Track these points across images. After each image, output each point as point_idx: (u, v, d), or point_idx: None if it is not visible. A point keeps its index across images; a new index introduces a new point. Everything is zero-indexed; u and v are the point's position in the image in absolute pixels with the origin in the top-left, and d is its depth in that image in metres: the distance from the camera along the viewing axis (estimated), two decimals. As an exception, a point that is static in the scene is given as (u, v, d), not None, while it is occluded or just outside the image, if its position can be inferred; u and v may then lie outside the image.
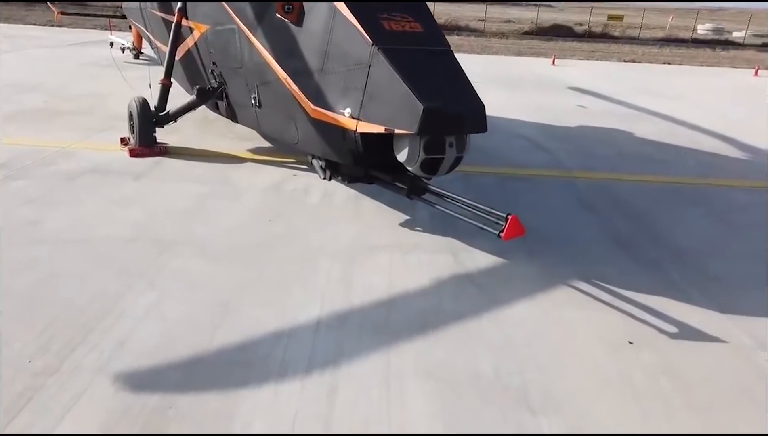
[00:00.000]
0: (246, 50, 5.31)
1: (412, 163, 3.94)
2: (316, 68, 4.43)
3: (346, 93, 4.19)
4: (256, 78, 5.28)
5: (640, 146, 8.37)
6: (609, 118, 10.42)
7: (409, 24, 4.30)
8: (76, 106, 8.68)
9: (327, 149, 4.58)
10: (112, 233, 4.36)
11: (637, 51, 27.82)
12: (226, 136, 7.41)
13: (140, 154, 6.33)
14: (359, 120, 4.07)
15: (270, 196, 5.41)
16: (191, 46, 6.60)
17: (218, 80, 6.15)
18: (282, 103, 4.94)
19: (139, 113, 6.32)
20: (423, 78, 3.88)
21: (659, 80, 17.35)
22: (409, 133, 3.77)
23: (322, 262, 4.11)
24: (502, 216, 3.66)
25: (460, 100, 3.93)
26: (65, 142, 6.65)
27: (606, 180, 6.53)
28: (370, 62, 4.00)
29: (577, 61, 22.27)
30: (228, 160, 6.46)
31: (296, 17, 4.63)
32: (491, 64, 19.02)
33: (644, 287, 3.97)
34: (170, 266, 3.90)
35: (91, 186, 5.33)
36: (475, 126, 3.93)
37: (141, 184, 5.49)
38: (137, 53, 14.49)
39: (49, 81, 10.63)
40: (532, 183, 6.28)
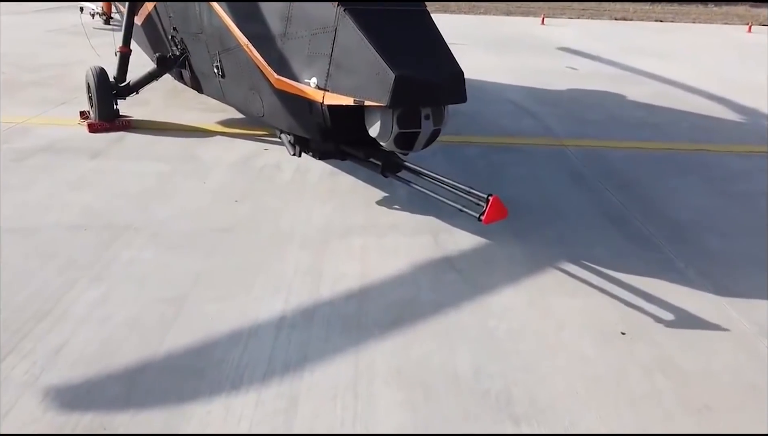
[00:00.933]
0: (205, 14, 4.86)
1: (385, 139, 3.58)
2: (278, 33, 4.00)
3: (312, 61, 3.78)
4: (217, 45, 4.84)
5: (632, 110, 8.00)
6: (600, 80, 10.01)
7: (381, -19, 3.86)
8: (39, 77, 8.18)
9: (293, 123, 4.19)
10: (61, 220, 3.98)
11: (629, 8, 27.11)
12: (196, 108, 6.96)
13: (100, 129, 5.91)
14: (326, 91, 3.68)
15: (238, 174, 5.03)
16: (151, 11, 6.11)
17: (180, 47, 5.69)
18: (245, 73, 4.53)
19: (96, 85, 5.87)
20: (395, 42, 3.48)
21: (651, 39, 16.86)
22: (381, 105, 3.39)
23: (291, 248, 3.77)
24: (483, 197, 3.32)
25: (437, 67, 3.54)
26: (21, 117, 6.19)
27: (597, 147, 6.19)
28: (336, 25, 3.58)
29: (568, 20, 21.69)
30: (196, 135, 6.05)
31: (258, -24, 4.17)
32: (479, 25, 18.42)
33: (638, 269, 3.67)
34: (121, 258, 3.54)
35: (43, 167, 4.92)
36: (454, 96, 3.56)
37: (97, 163, 5.09)
38: (107, 18, 13.86)
39: (12, 50, 10.05)
40: (520, 153, 5.92)
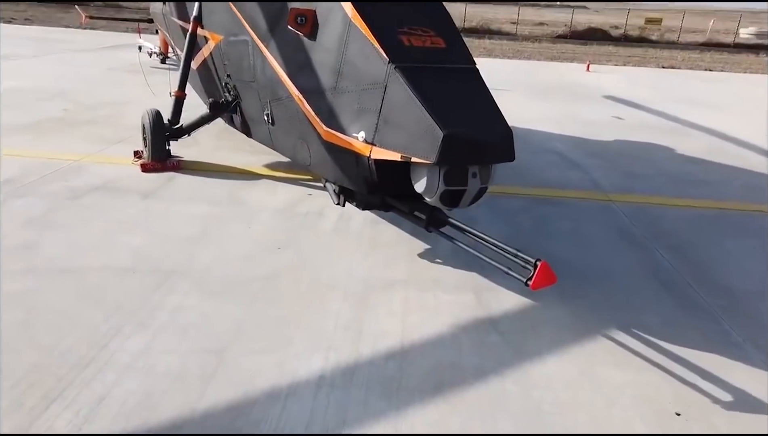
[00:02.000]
0: (258, 63, 5.00)
1: (431, 195, 3.56)
2: (329, 86, 4.07)
3: (360, 115, 3.82)
4: (268, 93, 4.96)
5: (682, 165, 7.80)
6: (647, 131, 9.84)
7: (431, 39, 3.91)
8: (97, 115, 8.52)
9: (339, 174, 4.22)
10: (110, 262, 4.07)
11: (677, 56, 26.85)
12: (244, 149, 7.12)
13: (152, 170, 6.09)
14: (374, 145, 3.70)
15: (282, 220, 5.08)
16: (207, 57, 6.33)
17: (232, 93, 5.86)
18: (294, 122, 4.61)
19: (151, 126, 6.07)
20: (444, 100, 3.49)
21: (701, 88, 16.56)
22: (428, 162, 3.39)
23: (332, 301, 3.75)
24: (531, 261, 3.24)
25: (485, 125, 3.52)
26: (78, 155, 6.44)
27: (646, 204, 6.03)
28: (386, 82, 3.62)
29: (613, 67, 21.54)
30: (243, 177, 6.17)
31: (309, 30, 4.28)
32: (523, 70, 18.47)
33: (692, 341, 3.50)
34: (166, 304, 3.58)
35: (95, 206, 5.07)
36: (502, 155, 3.53)
37: (148, 204, 5.22)
38: (164, 58, 14.43)
39: (73, 87, 10.55)
40: (566, 207, 5.81)
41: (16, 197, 5.10)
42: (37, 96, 9.51)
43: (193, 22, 6.13)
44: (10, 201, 5.01)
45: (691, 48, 31.52)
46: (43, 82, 10.84)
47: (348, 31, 3.92)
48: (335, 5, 4.04)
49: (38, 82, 10.80)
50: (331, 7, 4.10)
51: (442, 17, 4.20)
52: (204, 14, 6.06)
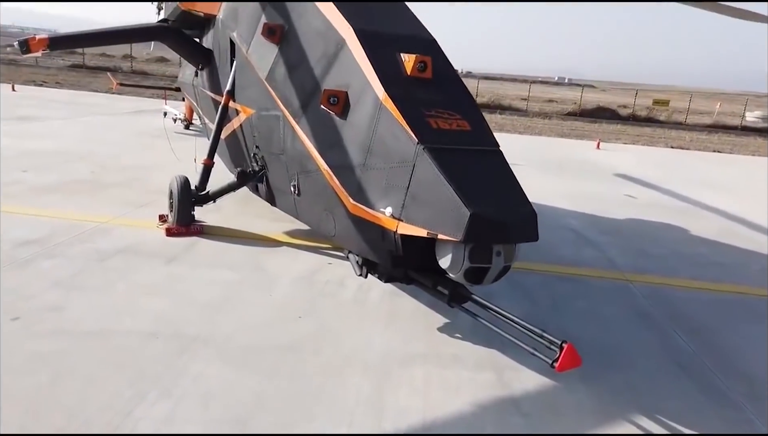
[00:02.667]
0: (289, 137, 5.21)
1: (456, 271, 3.63)
2: (358, 163, 4.24)
3: (388, 191, 3.96)
4: (297, 166, 5.14)
5: (696, 246, 7.86)
6: (659, 210, 9.96)
7: (457, 121, 4.10)
8: (123, 178, 8.78)
9: (365, 247, 4.32)
10: (134, 326, 4.13)
11: (684, 137, 27.41)
12: (265, 216, 7.28)
13: (177, 234, 6.23)
14: (400, 221, 3.81)
15: (302, 288, 5.15)
16: (236, 128, 6.60)
17: (260, 164, 6.06)
18: (321, 195, 4.76)
19: (179, 192, 6.26)
20: (470, 180, 3.63)
21: (710, 169, 16.83)
22: (453, 239, 3.48)
23: (352, 374, 3.76)
24: (557, 342, 3.26)
25: (510, 206, 3.64)
26: (104, 217, 6.61)
27: (662, 285, 6.05)
28: (415, 161, 3.78)
29: (623, 145, 22.00)
30: (264, 244, 6.29)
31: (341, 109, 4.49)
32: (534, 146, 18.89)
33: (716, 428, 3.45)
34: (188, 371, 3.60)
35: (121, 269, 5.18)
36: (526, 235, 3.62)
37: (172, 268, 5.32)
38: (188, 124, 14.96)
39: (100, 150, 10.91)
40: (582, 285, 5.85)
41: (46, 258, 5.23)
42: (66, 157, 9.85)
43: (225, 95, 6.44)
44: (39, 261, 5.14)
45: (698, 129, 32.19)
46: (71, 144, 11.25)
47: (379, 112, 4.12)
48: (367, 88, 4.27)
49: (66, 143, 11.21)
50: (362, 89, 4.32)
51: (467, 101, 4.42)
52: (237, 89, 6.36)
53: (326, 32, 4.90)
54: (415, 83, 4.31)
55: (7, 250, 5.32)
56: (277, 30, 5.46)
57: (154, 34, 7.78)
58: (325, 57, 4.86)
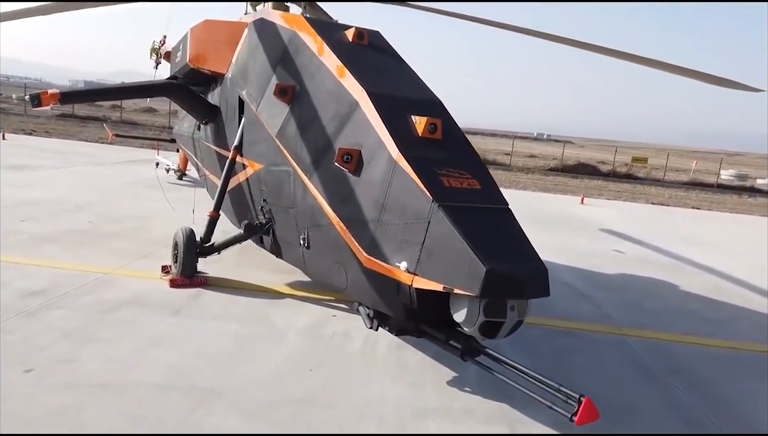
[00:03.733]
0: (299, 192, 5.36)
1: (470, 325, 3.74)
2: (372, 218, 4.39)
3: (403, 246, 4.10)
4: (307, 220, 5.27)
5: (688, 302, 8.07)
6: (648, 266, 10.21)
7: (468, 181, 4.30)
8: (121, 228, 8.80)
9: (378, 300, 4.42)
10: (148, 379, 4.13)
11: (664, 193, 28.18)
12: (266, 267, 7.35)
13: (181, 285, 6.26)
14: (415, 275, 3.93)
15: (310, 340, 5.19)
16: (242, 182, 6.75)
17: (267, 217, 6.18)
18: (333, 248, 4.88)
19: (185, 244, 6.33)
20: (484, 237, 3.79)
21: (692, 226, 17.29)
22: (469, 294, 3.61)
23: (367, 428, 3.79)
24: (574, 396, 3.36)
25: (523, 262, 3.79)
26: (107, 268, 6.62)
27: (659, 340, 6.20)
28: (430, 218, 3.94)
29: (606, 200, 22.53)
30: (267, 296, 6.34)
31: (354, 167, 4.67)
32: (520, 200, 19.17)
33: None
34: (205, 424, 3.61)
35: (128, 320, 5.19)
36: (538, 290, 3.77)
37: (179, 320, 5.34)
38: (181, 175, 15.08)
39: (96, 199, 10.95)
40: (582, 340, 5.97)
41: (53, 309, 5.22)
42: (62, 207, 9.87)
43: (233, 150, 6.61)
44: (46, 312, 5.13)
45: (676, 186, 33.13)
46: (66, 193, 11.27)
47: (393, 170, 4.31)
48: (381, 148, 4.46)
49: (62, 193, 11.23)
50: (376, 148, 4.52)
51: (475, 161, 4.65)
52: (244, 144, 6.54)
53: (339, 94, 5.13)
54: (426, 144, 4.52)
55: (14, 300, 5.31)
56: (289, 90, 5.70)
57: (163, 91, 8.01)
58: (337, 117, 5.08)
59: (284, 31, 6.29)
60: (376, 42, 6.00)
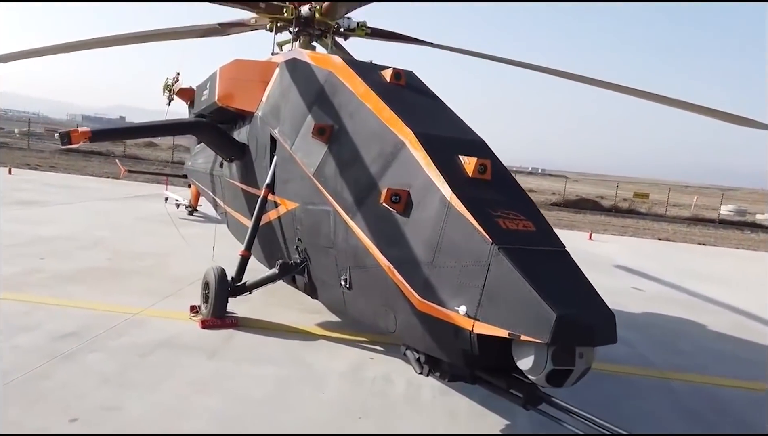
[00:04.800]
0: (341, 232, 5.27)
1: (537, 373, 3.61)
2: (424, 260, 4.29)
3: (461, 289, 4.00)
4: (349, 260, 5.17)
5: (717, 342, 7.96)
6: (669, 304, 10.11)
7: (522, 222, 4.23)
8: (140, 266, 8.68)
9: (433, 345, 4.29)
10: (195, 427, 3.98)
11: (668, 229, 28.25)
12: (293, 306, 7.22)
13: (212, 326, 6.12)
14: (476, 320, 3.82)
15: (352, 385, 5.05)
16: (273, 220, 6.67)
17: (302, 256, 6.08)
18: (379, 290, 4.76)
19: (216, 284, 6.22)
20: (548, 281, 3.70)
21: (703, 262, 17.27)
22: (538, 341, 3.50)
23: (432, 481, 3.64)
24: None
25: (590, 308, 3.70)
26: (134, 308, 6.47)
27: (701, 383, 6.07)
28: (490, 261, 3.85)
29: (612, 236, 22.53)
30: (300, 337, 6.21)
31: (403, 207, 4.60)
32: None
33: None
34: (266, 478, 3.46)
35: (165, 364, 5.04)
36: (607, 337, 3.66)
37: (216, 364, 5.19)
38: (192, 210, 15.00)
39: (110, 236, 10.83)
40: (625, 384, 5.84)
41: (88, 352, 5.08)
42: (78, 244, 9.75)
43: (265, 188, 6.55)
44: (82, 356, 4.98)
45: (678, 222, 33.26)
46: (80, 229, 11.15)
47: (447, 212, 4.23)
48: (433, 189, 4.41)
49: (75, 229, 11.11)
50: (427, 189, 4.46)
51: (526, 202, 4.59)
52: (277, 182, 6.49)
53: (383, 134, 5.09)
54: (477, 185, 4.46)
55: (47, 343, 5.17)
56: (327, 129, 5.68)
57: (191, 129, 8.02)
58: (381, 157, 5.03)
59: (319, 71, 6.31)
60: (413, 82, 6.02)
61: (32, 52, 10.66)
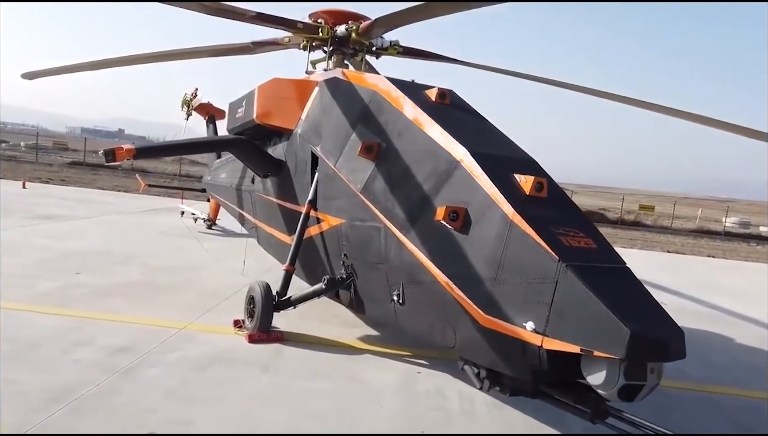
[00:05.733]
0: (392, 248, 5.36)
1: (609, 388, 3.70)
2: (486, 276, 4.39)
3: (527, 306, 4.09)
4: (402, 276, 5.26)
5: (749, 354, 8.06)
6: (692, 317, 10.17)
7: (583, 239, 4.33)
8: (173, 280, 8.76)
9: (496, 360, 4.37)
10: (270, 441, 4.06)
11: (675, 241, 28.37)
12: (330, 321, 7.31)
13: (258, 341, 6.20)
14: (545, 336, 3.92)
15: (407, 400, 5.13)
16: (315, 236, 6.77)
17: (348, 271, 6.17)
18: (437, 305, 4.85)
19: (263, 299, 6.31)
20: (617, 298, 3.79)
21: (717, 275, 17.37)
22: (612, 357, 3.60)
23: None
24: None
25: (660, 324, 3.80)
26: (179, 322, 6.56)
27: (744, 397, 6.16)
28: (557, 278, 3.95)
29: (622, 249, 22.60)
30: (345, 351, 6.29)
31: (460, 225, 4.70)
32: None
33: None
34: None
35: (224, 379, 5.12)
36: (678, 352, 3.75)
37: (272, 378, 5.27)
38: (211, 224, 15.08)
39: (137, 250, 10.90)
40: (669, 396, 5.90)
41: (147, 367, 5.16)
42: (109, 258, 9.84)
43: (308, 204, 6.66)
44: (142, 370, 5.07)
45: (684, 234, 33.38)
46: (106, 244, 11.23)
47: (509, 229, 4.34)
48: (492, 206, 4.51)
49: (101, 243, 11.20)
50: (486, 207, 4.57)
51: (582, 219, 4.71)
52: (319, 199, 6.60)
53: (435, 152, 5.22)
54: (536, 203, 4.58)
55: (104, 358, 5.25)
56: (374, 147, 5.80)
57: (230, 145, 8.17)
58: (435, 175, 5.14)
59: (363, 90, 6.44)
60: (457, 101, 6.15)
61: (59, 70, 10.83)
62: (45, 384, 4.57)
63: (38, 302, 6.78)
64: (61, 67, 10.49)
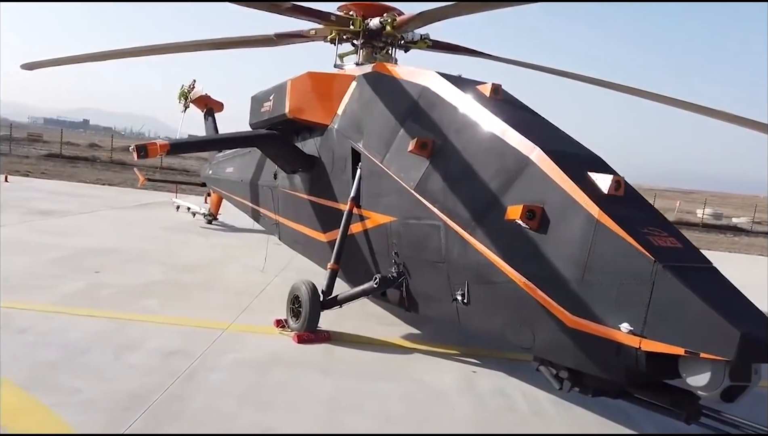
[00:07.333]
0: (455, 247, 5.26)
1: (712, 390, 3.68)
2: (572, 277, 4.32)
3: (620, 307, 4.04)
4: (468, 275, 5.16)
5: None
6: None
7: (669, 239, 4.30)
8: (197, 278, 8.54)
9: (586, 362, 4.31)
10: (360, 448, 3.95)
11: (659, 234, 28.85)
12: (367, 319, 7.20)
13: (307, 341, 6.06)
14: (643, 337, 3.88)
15: (473, 400, 5.06)
16: (358, 233, 6.63)
17: (399, 270, 6.04)
18: (512, 306, 4.76)
19: (309, 298, 6.16)
20: (718, 298, 3.77)
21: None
22: (720, 358, 3.57)
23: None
24: None
25: (761, 323, 3.78)
26: (220, 322, 6.37)
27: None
28: (654, 279, 3.90)
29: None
30: (393, 350, 6.20)
31: (537, 224, 4.62)
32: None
33: None
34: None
35: (290, 382, 4.99)
36: (779, 351, 3.76)
37: (336, 380, 5.14)
38: (212, 219, 14.76)
39: (148, 247, 10.59)
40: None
41: (206, 370, 4.99)
42: (123, 256, 9.53)
43: (350, 201, 6.51)
44: (203, 374, 4.90)
45: (664, 226, 33.99)
46: (113, 241, 10.88)
47: (595, 229, 4.27)
48: (573, 205, 4.44)
49: (109, 241, 10.84)
50: (567, 206, 4.49)
51: (661, 218, 4.68)
52: (364, 196, 6.46)
53: (501, 150, 5.11)
54: (617, 202, 4.51)
55: (160, 362, 5.05)
56: (429, 144, 5.68)
57: (260, 141, 7.95)
58: (502, 173, 5.05)
59: (411, 84, 6.31)
60: (508, 96, 6.05)
61: (60, 60, 10.42)
62: (110, 392, 4.36)
63: (69, 304, 6.50)
64: (61, 58, 10.10)
